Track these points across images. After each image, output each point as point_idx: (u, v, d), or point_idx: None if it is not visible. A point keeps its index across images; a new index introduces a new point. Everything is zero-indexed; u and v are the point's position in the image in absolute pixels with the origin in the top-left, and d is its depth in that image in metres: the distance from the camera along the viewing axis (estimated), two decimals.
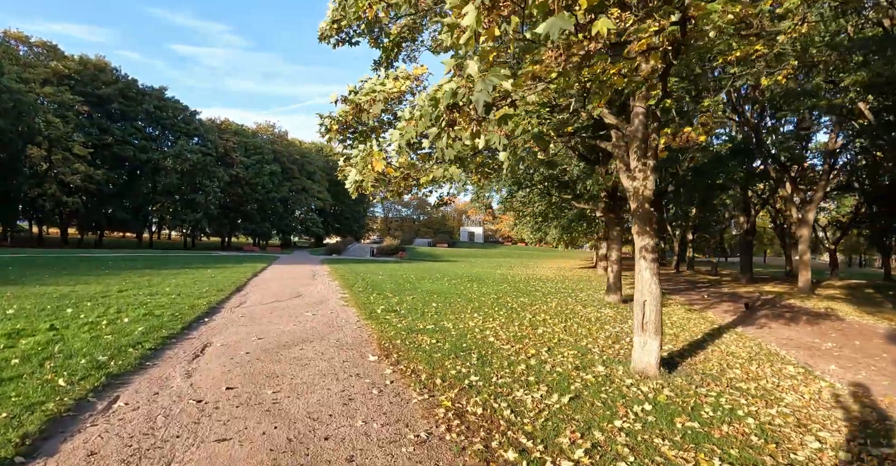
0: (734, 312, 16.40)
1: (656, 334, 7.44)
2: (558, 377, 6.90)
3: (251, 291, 15.47)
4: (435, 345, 8.48)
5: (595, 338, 10.35)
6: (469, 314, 12.55)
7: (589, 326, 11.91)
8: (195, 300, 12.23)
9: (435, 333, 9.57)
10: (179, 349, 7.43)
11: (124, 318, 9.35)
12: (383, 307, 12.69)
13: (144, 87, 58.34)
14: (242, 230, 71.92)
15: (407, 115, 6.82)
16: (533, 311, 13.87)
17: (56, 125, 45.14)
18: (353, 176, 6.78)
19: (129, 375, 6.05)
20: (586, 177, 17.02)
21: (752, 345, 10.62)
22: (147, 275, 18.83)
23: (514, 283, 23.67)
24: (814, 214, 26.70)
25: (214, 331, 8.91)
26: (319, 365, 6.89)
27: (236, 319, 10.28)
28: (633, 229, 7.82)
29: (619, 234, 17.74)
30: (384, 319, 10.94)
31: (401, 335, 9.14)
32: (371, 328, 9.83)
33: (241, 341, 8.20)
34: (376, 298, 14.77)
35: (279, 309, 11.89)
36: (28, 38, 52.06)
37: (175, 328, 8.77)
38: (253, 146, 68.07)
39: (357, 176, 6.72)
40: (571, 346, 9.30)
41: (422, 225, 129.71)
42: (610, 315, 14.08)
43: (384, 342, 8.50)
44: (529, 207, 22.68)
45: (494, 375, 6.84)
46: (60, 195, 46.23)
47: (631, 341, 10.23)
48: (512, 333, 10.18)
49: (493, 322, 11.38)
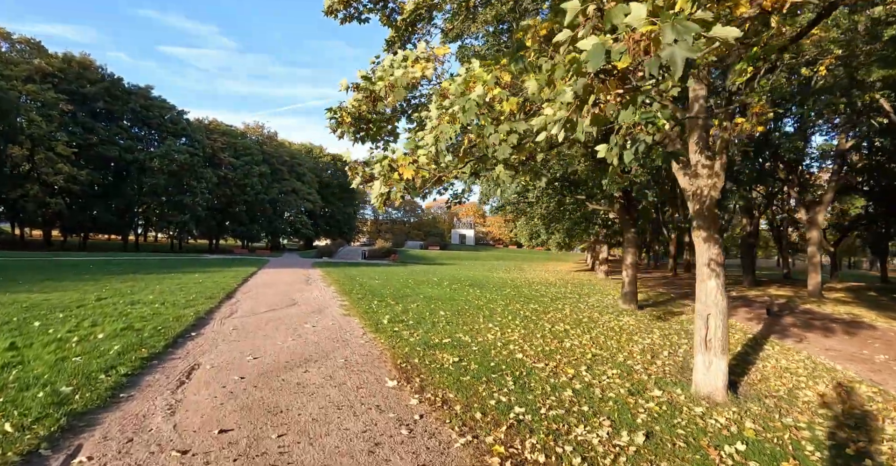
0: (756, 318, 15.45)
1: (723, 353, 6.37)
2: (616, 407, 5.81)
3: (242, 298, 14.26)
4: (459, 365, 7.35)
5: (630, 352, 9.30)
6: (483, 323, 11.45)
7: (616, 337, 10.87)
8: (181, 310, 11.01)
9: (454, 348, 8.45)
10: (161, 374, 6.24)
11: (99, 333, 8.13)
12: (389, 317, 11.55)
13: (130, 85, 56.70)
14: (231, 233, 70.33)
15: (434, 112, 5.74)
16: (549, 320, 12.81)
17: (39, 124, 43.54)
18: (377, 188, 5.67)
19: (97, 413, 4.87)
20: (597, 175, 15.97)
21: (802, 359, 9.61)
22: (130, 281, 17.53)
23: (516, 287, 22.63)
24: (823, 215, 25.93)
25: (202, 349, 7.72)
26: (330, 394, 5.74)
27: (227, 332, 9.09)
28: (695, 233, 6.75)
29: (634, 236, 16.71)
30: (393, 331, 9.80)
31: (416, 352, 8.01)
32: (381, 343, 8.69)
33: (234, 361, 7.03)
34: (378, 305, 13.62)
35: (274, 320, 10.71)
36: (10, 35, 50.33)
37: (157, 345, 7.56)
38: (242, 147, 66.54)
39: (382, 188, 5.61)
40: (610, 363, 8.23)
41: (412, 227, 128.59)
42: (632, 324, 13.06)
43: (400, 362, 7.36)
44: (537, 208, 21.59)
45: (540, 404, 5.73)
46: (43, 196, 44.61)
47: (669, 356, 9.22)
48: (538, 347, 9.09)
49: (513, 334, 10.29)
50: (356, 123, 6.56)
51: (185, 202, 55.06)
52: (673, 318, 14.77)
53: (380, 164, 5.62)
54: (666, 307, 17.26)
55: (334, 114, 6.28)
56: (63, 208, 47.43)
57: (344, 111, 6.39)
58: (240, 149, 65.90)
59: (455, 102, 4.85)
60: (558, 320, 12.93)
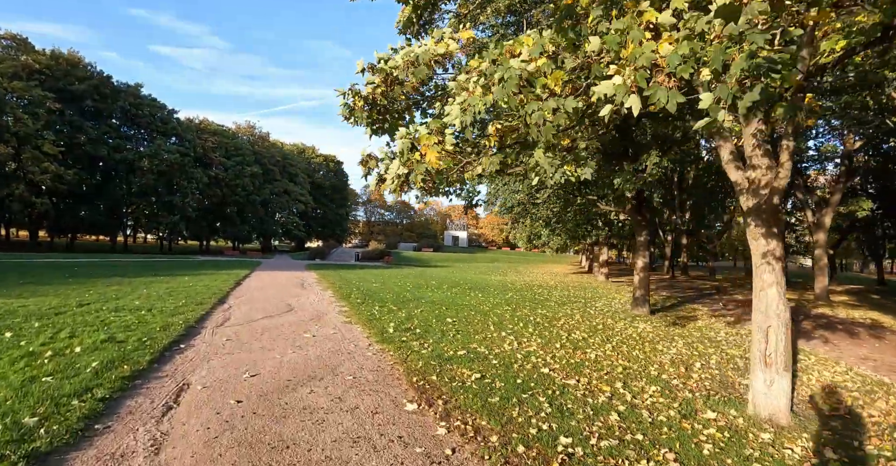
0: None
1: (786, 370, 5.63)
2: (673, 434, 5.05)
3: (235, 304, 13.39)
4: (482, 382, 6.56)
5: (660, 364, 8.55)
6: (495, 332, 10.67)
7: (638, 346, 10.12)
8: (169, 318, 10.15)
9: (472, 362, 7.66)
10: (145, 398, 5.39)
11: (76, 346, 7.26)
12: (394, 325, 10.74)
13: (119, 84, 55.47)
14: (222, 234, 69.17)
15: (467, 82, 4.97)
16: (563, 327, 12.06)
17: (25, 122, 42.36)
18: (394, 169, 4.88)
19: (65, 453, 4.02)
20: (608, 174, 15.24)
21: (845, 370, 8.90)
22: (116, 284, 16.60)
23: (518, 291, 21.89)
24: (830, 217, 25.37)
25: (193, 364, 6.87)
26: (342, 422, 4.93)
27: (220, 344, 8.24)
28: (752, 231, 6.00)
29: (646, 239, 15.98)
30: (401, 341, 8.99)
31: (432, 367, 7.20)
32: (390, 356, 7.88)
33: (229, 379, 6.19)
34: (380, 312, 12.81)
35: (271, 328, 9.87)
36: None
37: (141, 360, 6.71)
38: (233, 147, 65.39)
39: (401, 169, 4.83)
40: (644, 378, 7.47)
41: (404, 229, 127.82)
42: (650, 331, 12.33)
43: (416, 379, 6.55)
44: (543, 209, 20.82)
45: (587, 432, 4.96)
46: (29, 196, 43.39)
47: (703, 368, 8.48)
48: (562, 359, 8.32)
49: (531, 344, 9.52)
50: (371, 110, 5.77)
51: (175, 203, 53.99)
52: (689, 324, 14.05)
53: (400, 141, 4.85)
54: (677, 312, 16.56)
55: (346, 97, 5.48)
56: (49, 209, 46.19)
57: (357, 95, 5.60)
58: (231, 149, 64.78)
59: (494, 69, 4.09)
60: (572, 327, 12.18)
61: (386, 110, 6.02)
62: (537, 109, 4.12)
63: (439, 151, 4.75)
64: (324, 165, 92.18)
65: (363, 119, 5.69)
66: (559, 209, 20.44)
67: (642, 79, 3.19)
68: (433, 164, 4.69)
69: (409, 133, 4.85)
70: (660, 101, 3.12)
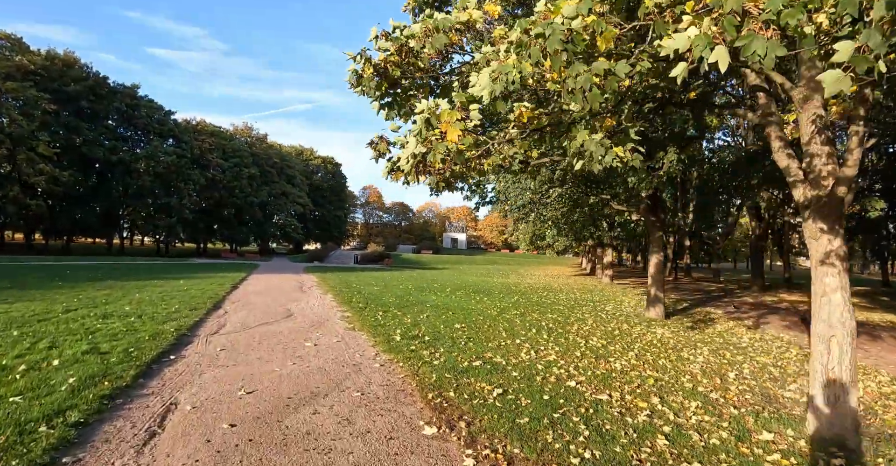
0: (794, 327, 14.17)
1: (853, 385, 4.97)
2: (733, 461, 4.40)
3: (231, 309, 12.70)
4: (506, 399, 5.89)
5: (692, 375, 7.90)
6: (508, 339, 10.01)
7: (662, 354, 9.48)
8: (160, 325, 9.45)
9: (490, 375, 6.99)
10: (125, 421, 4.70)
11: (55, 359, 6.57)
12: (400, 332, 10.06)
13: (116, 84, 54.73)
14: (219, 236, 68.40)
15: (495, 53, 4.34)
16: (577, 333, 11.41)
17: (20, 123, 41.65)
18: (411, 148, 4.23)
19: None
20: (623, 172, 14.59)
21: (889, 380, 8.26)
22: (107, 288, 15.89)
23: (523, 294, 21.26)
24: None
25: (183, 379, 6.18)
26: (353, 450, 4.25)
27: (214, 354, 7.55)
28: (810, 228, 5.35)
29: (661, 239, 15.32)
30: (410, 351, 8.32)
31: (447, 381, 6.53)
32: (400, 368, 7.20)
33: (222, 397, 5.51)
34: (384, 317, 12.14)
35: (269, 336, 9.19)
36: None
37: (125, 375, 6.01)
38: (231, 149, 64.63)
39: (419, 148, 4.17)
40: (680, 391, 6.82)
41: (403, 231, 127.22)
42: (669, 337, 11.69)
43: (431, 396, 5.87)
44: (551, 209, 20.14)
45: (636, 460, 4.29)
46: (23, 198, 42.63)
47: (738, 379, 7.83)
48: (586, 370, 7.65)
49: (550, 353, 8.85)
50: (381, 80, 5.11)
51: (172, 205, 53.25)
52: (708, 329, 13.41)
53: (418, 116, 4.19)
54: (691, 316, 15.92)
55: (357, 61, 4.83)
56: (44, 211, 45.49)
57: (368, 61, 4.95)
58: (228, 150, 64.04)
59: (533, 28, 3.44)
60: (588, 333, 11.53)
61: (396, 84, 5.37)
62: (583, 71, 3.47)
63: (462, 130, 4.10)
64: (322, 167, 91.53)
65: (371, 90, 5.04)
66: (567, 209, 19.77)
67: (731, 26, 2.55)
68: (453, 142, 4.04)
69: (429, 108, 4.20)
70: (755, 53, 2.48)
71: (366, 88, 5.04)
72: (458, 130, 4.07)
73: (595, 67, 3.44)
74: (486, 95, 3.99)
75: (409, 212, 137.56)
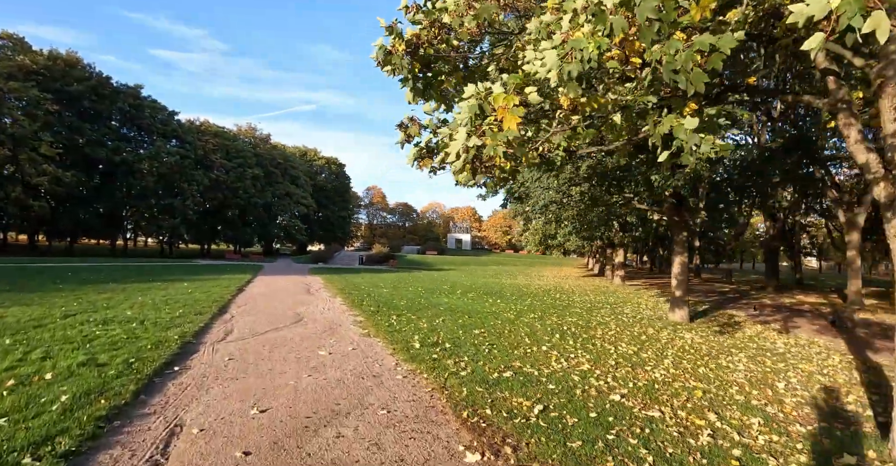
0: (823, 330, 13.55)
1: None
2: None
3: (238, 313, 12.11)
4: (549, 416, 5.27)
5: (740, 386, 7.29)
6: (533, 345, 9.40)
7: (701, 362, 8.87)
8: (163, 332, 8.86)
9: (525, 387, 6.37)
10: (123, 449, 4.08)
11: (48, 372, 5.97)
12: (418, 338, 9.46)
13: (119, 85, 54.28)
14: (223, 237, 67.95)
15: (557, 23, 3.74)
16: (604, 338, 10.80)
17: (22, 123, 41.23)
18: (461, 141, 3.63)
19: None
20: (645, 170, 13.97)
21: None
22: (109, 291, 15.32)
23: (535, 296, 20.66)
24: (864, 216, 24.06)
25: (188, 395, 5.58)
26: None
27: (221, 365, 6.95)
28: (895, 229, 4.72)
29: (684, 240, 14.68)
30: (432, 360, 7.71)
31: (479, 395, 5.91)
32: (424, 379, 6.59)
33: (233, 417, 4.91)
34: (399, 322, 11.54)
35: (280, 344, 8.59)
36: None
37: (124, 391, 5.41)
38: (234, 149, 64.14)
39: (472, 140, 3.57)
40: (733, 404, 6.21)
41: (407, 232, 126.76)
42: (699, 342, 11.08)
43: (466, 414, 5.25)
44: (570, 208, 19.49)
45: None
46: (25, 199, 42.17)
47: (788, 389, 7.22)
48: (626, 381, 7.03)
49: (581, 361, 8.24)
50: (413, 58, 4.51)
51: (176, 206, 52.79)
52: (737, 333, 12.79)
53: (466, 104, 3.59)
54: (714, 319, 15.28)
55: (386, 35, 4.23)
56: (47, 212, 45.01)
57: (398, 36, 4.35)
58: (232, 151, 63.56)
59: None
60: (614, 338, 10.91)
61: (429, 64, 4.76)
62: (682, 48, 2.86)
63: (522, 117, 3.49)
64: (326, 168, 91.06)
65: (403, 68, 4.43)
66: (584, 208, 19.14)
67: None
68: (513, 131, 3.43)
69: (478, 92, 3.59)
70: None
71: (396, 66, 4.44)
72: (518, 117, 3.46)
73: (698, 42, 2.83)
74: (554, 76, 3.38)
75: (413, 212, 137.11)
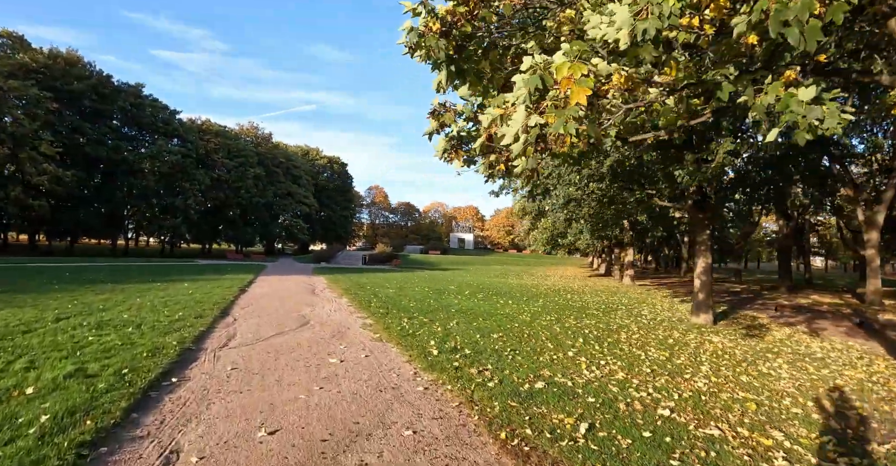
0: (850, 331, 12.95)
1: None
2: None
3: (241, 315, 11.48)
4: (596, 436, 4.62)
5: (792, 396, 6.65)
6: (557, 351, 8.76)
7: (740, 369, 8.25)
8: (161, 337, 8.22)
9: (561, 400, 5.71)
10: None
11: (30, 386, 5.32)
12: (435, 343, 8.81)
13: (120, 83, 53.69)
14: (224, 237, 67.40)
15: None
16: (629, 342, 10.17)
17: (22, 122, 40.64)
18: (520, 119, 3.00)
19: None
20: (668, 165, 13.30)
21: None
22: (106, 292, 14.68)
23: (547, 297, 20.02)
24: (884, 215, 23.37)
25: (186, 412, 4.93)
26: None
27: (223, 376, 6.29)
28: None
29: (708, 238, 14.00)
30: (454, 368, 7.06)
31: (514, 411, 5.26)
32: (450, 392, 5.93)
33: (238, 440, 4.26)
34: (411, 325, 10.89)
35: (286, 350, 7.95)
36: None
37: (114, 408, 4.76)
38: (236, 148, 63.51)
39: (534, 118, 2.94)
40: (796, 420, 5.58)
41: (409, 231, 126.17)
42: (730, 346, 10.45)
43: (504, 435, 4.59)
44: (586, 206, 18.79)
45: None
46: (25, 198, 41.56)
47: (846, 399, 6.56)
48: (669, 392, 6.37)
49: (615, 369, 7.59)
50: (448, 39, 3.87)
51: (177, 205, 52.19)
52: (766, 336, 12.14)
53: (524, 77, 2.95)
54: (737, 321, 14.63)
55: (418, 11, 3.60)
56: (47, 211, 44.39)
57: (431, 13, 3.71)
58: (234, 150, 62.95)
59: None
60: (640, 342, 10.27)
61: (464, 45, 4.12)
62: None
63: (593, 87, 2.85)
64: (328, 167, 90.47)
65: (439, 50, 3.78)
66: (600, 206, 18.47)
67: None
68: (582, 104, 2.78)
69: (537, 64, 2.95)
70: None
71: (432, 47, 3.79)
72: (587, 88, 2.82)
73: None
74: (625, 35, 2.74)
75: (416, 212, 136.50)
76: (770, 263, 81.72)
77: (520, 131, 3.06)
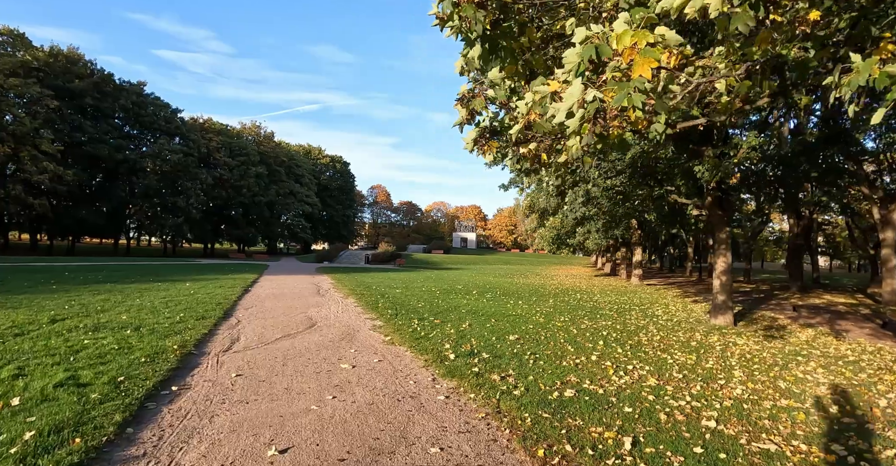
0: (881, 334, 12.40)
1: None
2: None
3: (245, 317, 11.02)
4: (646, 454, 4.13)
5: (840, 405, 6.14)
6: (580, 355, 8.28)
7: (775, 373, 7.77)
8: (160, 341, 7.76)
9: (596, 411, 5.24)
10: None
11: (15, 396, 4.84)
12: (450, 347, 8.34)
13: (122, 81, 53.31)
14: (226, 236, 67.05)
15: None
16: (651, 345, 9.71)
17: (22, 120, 40.30)
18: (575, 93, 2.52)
19: None
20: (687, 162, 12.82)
21: None
22: (105, 293, 14.22)
23: (556, 297, 19.56)
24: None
25: (187, 426, 4.46)
26: None
27: (228, 384, 5.82)
28: None
29: (728, 237, 13.51)
30: (474, 374, 6.58)
31: (548, 423, 4.79)
32: (473, 402, 5.46)
33: (245, 460, 3.78)
34: (422, 327, 10.42)
35: (294, 355, 7.48)
36: None
37: (108, 423, 4.29)
38: (238, 147, 63.20)
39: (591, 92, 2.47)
40: (848, 430, 5.07)
41: (412, 231, 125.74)
42: (757, 349, 9.97)
43: (542, 452, 4.10)
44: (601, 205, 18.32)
45: None
46: (25, 197, 41.21)
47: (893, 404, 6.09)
48: (709, 401, 5.89)
49: (644, 374, 7.11)
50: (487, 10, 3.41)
51: (179, 204, 51.83)
52: (790, 338, 11.66)
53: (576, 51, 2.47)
54: (756, 322, 14.12)
55: None
56: (48, 210, 44.04)
57: None
58: (236, 149, 62.60)
59: None
60: (663, 344, 9.79)
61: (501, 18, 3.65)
62: None
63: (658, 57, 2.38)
64: (330, 166, 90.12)
65: (478, 22, 3.30)
66: (613, 204, 17.99)
67: None
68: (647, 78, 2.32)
69: (595, 34, 2.49)
70: None
71: (469, 19, 3.32)
72: (654, 60, 2.34)
73: None
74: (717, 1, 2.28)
75: (418, 211, 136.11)
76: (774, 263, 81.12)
77: (575, 106, 2.59)
